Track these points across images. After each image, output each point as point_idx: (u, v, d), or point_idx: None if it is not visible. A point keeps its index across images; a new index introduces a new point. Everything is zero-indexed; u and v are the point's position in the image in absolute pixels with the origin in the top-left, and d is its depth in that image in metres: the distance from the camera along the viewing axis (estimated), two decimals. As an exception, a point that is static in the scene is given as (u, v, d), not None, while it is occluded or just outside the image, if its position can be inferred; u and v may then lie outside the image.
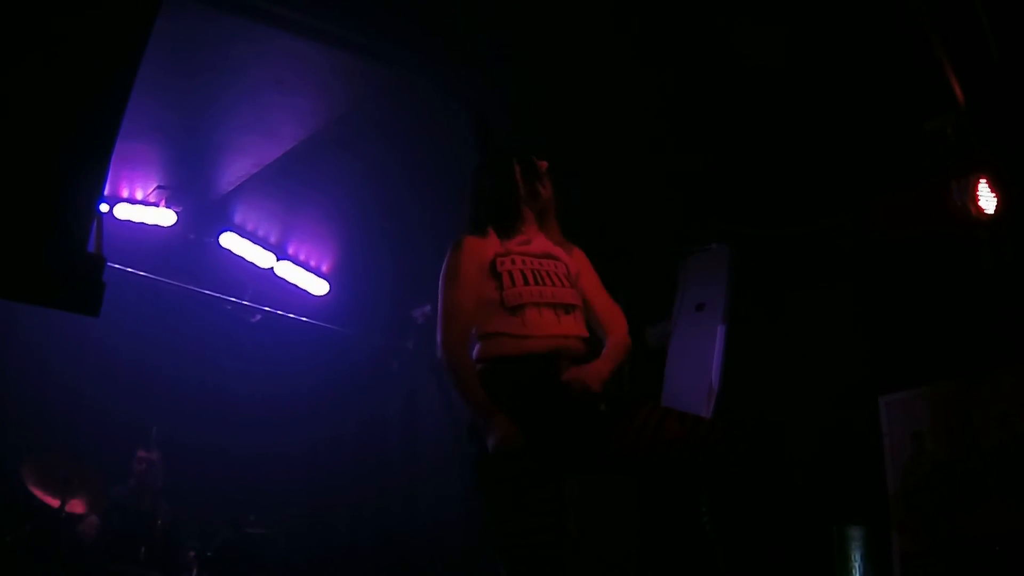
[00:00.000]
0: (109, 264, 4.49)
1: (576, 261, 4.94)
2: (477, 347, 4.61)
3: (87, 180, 4.36)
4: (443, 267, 4.71)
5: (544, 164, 4.93)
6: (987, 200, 6.26)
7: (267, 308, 10.74)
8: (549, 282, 4.63)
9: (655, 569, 7.53)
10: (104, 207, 9.05)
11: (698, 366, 7.64)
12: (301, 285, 10.81)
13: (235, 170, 9.17)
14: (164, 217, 9.52)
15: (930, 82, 6.18)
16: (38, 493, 8.01)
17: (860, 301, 7.25)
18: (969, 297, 6.57)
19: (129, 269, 9.30)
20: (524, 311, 4.53)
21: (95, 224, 4.50)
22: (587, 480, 5.06)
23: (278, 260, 10.54)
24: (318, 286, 10.92)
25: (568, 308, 4.63)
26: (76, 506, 8.14)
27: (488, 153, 5.23)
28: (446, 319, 4.60)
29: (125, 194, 9.39)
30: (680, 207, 8.10)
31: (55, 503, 7.96)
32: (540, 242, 4.84)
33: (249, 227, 10.32)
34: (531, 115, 7.63)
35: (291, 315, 10.94)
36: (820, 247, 7.42)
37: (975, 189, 6.28)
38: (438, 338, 4.59)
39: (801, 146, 7.19)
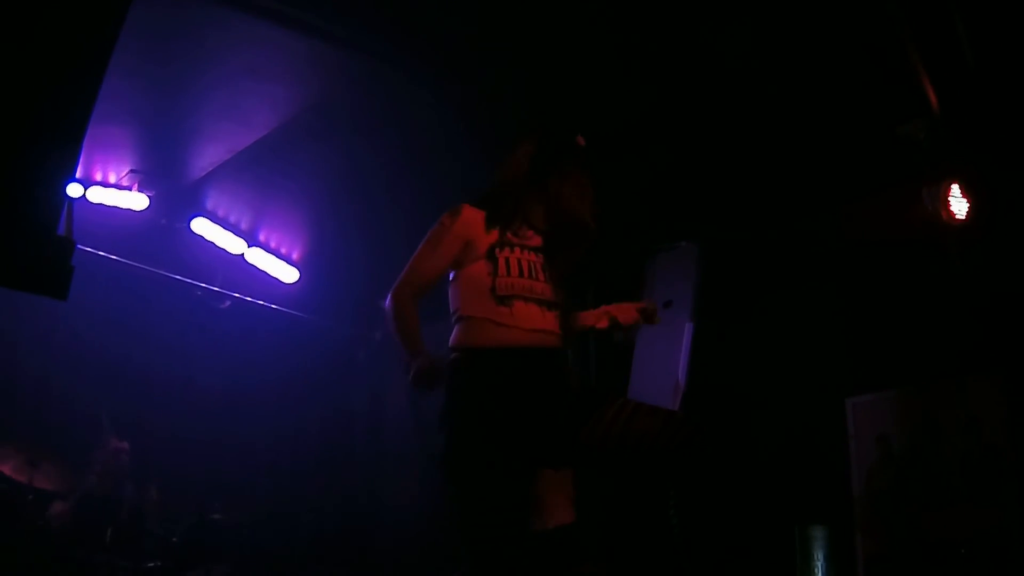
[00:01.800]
0: (80, 247, 4.48)
1: None
2: (457, 328, 4.55)
3: (57, 164, 4.34)
4: (435, 225, 4.61)
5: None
6: (958, 206, 6.29)
7: (237, 294, 10.70)
8: (541, 278, 4.61)
9: (622, 563, 7.56)
10: (77, 190, 9.02)
11: (665, 364, 7.65)
12: (271, 272, 10.79)
13: (208, 156, 9.14)
14: (136, 201, 9.47)
15: (904, 87, 6.20)
16: (6, 471, 7.98)
17: (829, 303, 7.29)
18: (938, 302, 6.61)
19: (100, 253, 9.26)
20: (513, 302, 4.48)
21: (65, 208, 4.48)
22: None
23: (249, 247, 10.51)
24: (288, 274, 10.89)
25: (552, 305, 4.62)
26: (43, 482, 8.10)
27: (541, 138, 5.06)
28: (409, 272, 4.59)
29: (98, 177, 9.34)
30: (650, 205, 8.11)
31: (22, 479, 7.93)
32: (538, 239, 4.79)
33: (221, 213, 10.29)
34: (503, 108, 7.63)
35: (260, 302, 10.91)
36: (790, 249, 7.45)
37: (946, 195, 6.31)
38: (394, 285, 4.58)
39: (774, 149, 7.21)
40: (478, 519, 4.22)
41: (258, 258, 10.61)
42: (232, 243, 10.37)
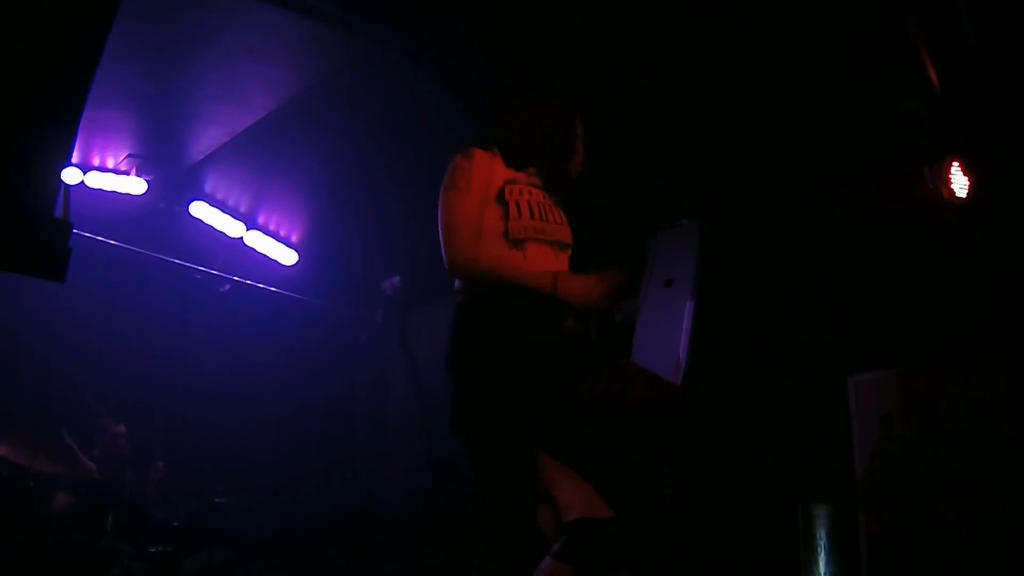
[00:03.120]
0: (80, 232, 4.48)
1: None
2: None
3: (54, 146, 4.33)
4: (449, 173, 4.53)
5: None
6: (959, 184, 6.27)
7: (236, 278, 10.68)
8: (551, 218, 4.56)
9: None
10: (76, 175, 9.01)
11: (666, 342, 7.64)
12: (271, 255, 10.78)
13: (206, 139, 9.12)
14: (135, 186, 9.45)
15: (906, 65, 6.18)
16: (6, 454, 7.98)
17: (831, 282, 7.27)
18: (940, 281, 6.60)
19: (99, 238, 9.24)
20: (526, 245, 4.45)
21: (62, 190, 4.47)
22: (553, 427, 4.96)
23: (248, 230, 10.49)
24: (287, 256, 10.88)
25: (564, 246, 4.59)
26: (43, 467, 8.10)
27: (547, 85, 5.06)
28: (457, 226, 4.40)
29: (96, 162, 9.32)
30: (652, 183, 8.09)
31: (23, 463, 7.93)
32: (541, 179, 4.75)
33: (219, 196, 10.27)
34: (502, 90, 7.61)
35: (260, 285, 10.89)
36: (792, 227, 7.43)
37: (947, 173, 6.29)
38: (450, 250, 4.38)
39: (775, 126, 7.19)
40: (491, 465, 4.20)
41: (257, 241, 10.60)
42: (231, 226, 10.36)
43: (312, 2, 7.09)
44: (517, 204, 4.49)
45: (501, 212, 4.48)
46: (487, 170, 4.54)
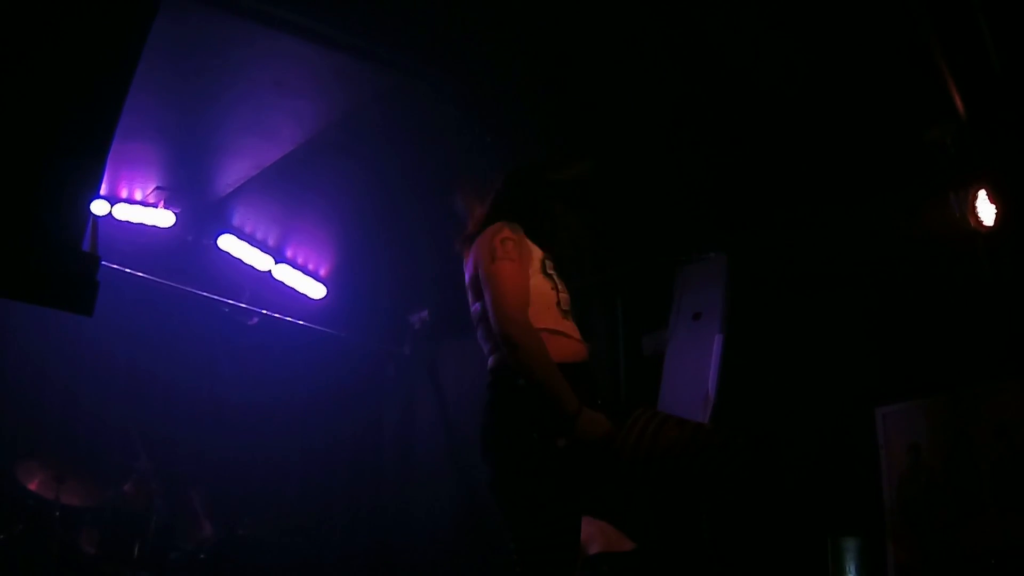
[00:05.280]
0: (108, 264, 4.49)
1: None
2: None
3: (82, 179, 4.34)
4: (497, 240, 4.49)
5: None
6: (986, 212, 6.25)
7: (264, 311, 10.71)
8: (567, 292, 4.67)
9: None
10: (104, 207, 9.06)
11: (695, 375, 7.62)
12: (299, 288, 10.80)
13: (234, 172, 9.15)
14: (163, 218, 9.50)
15: (930, 92, 6.17)
16: (33, 487, 8.02)
17: (858, 312, 7.24)
18: (967, 309, 6.56)
19: (127, 270, 9.28)
20: (569, 316, 4.56)
21: (90, 224, 4.49)
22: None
23: (276, 263, 10.52)
24: (316, 290, 10.90)
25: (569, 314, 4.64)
26: (69, 499, 8.12)
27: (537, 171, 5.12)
28: (513, 290, 4.37)
29: (124, 194, 9.37)
30: (678, 216, 8.09)
31: (48, 495, 7.97)
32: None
33: (248, 229, 10.31)
34: (528, 123, 7.63)
35: (288, 318, 10.91)
36: (818, 257, 7.41)
37: (974, 200, 6.27)
38: (501, 310, 4.33)
39: (801, 155, 7.18)
40: (536, 539, 4.18)
41: (285, 274, 10.62)
42: (259, 259, 10.39)
43: (339, 35, 7.12)
44: (554, 276, 4.60)
45: (550, 283, 4.56)
46: (529, 244, 4.62)
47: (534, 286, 4.49)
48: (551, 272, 4.59)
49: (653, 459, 4.18)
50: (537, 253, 4.62)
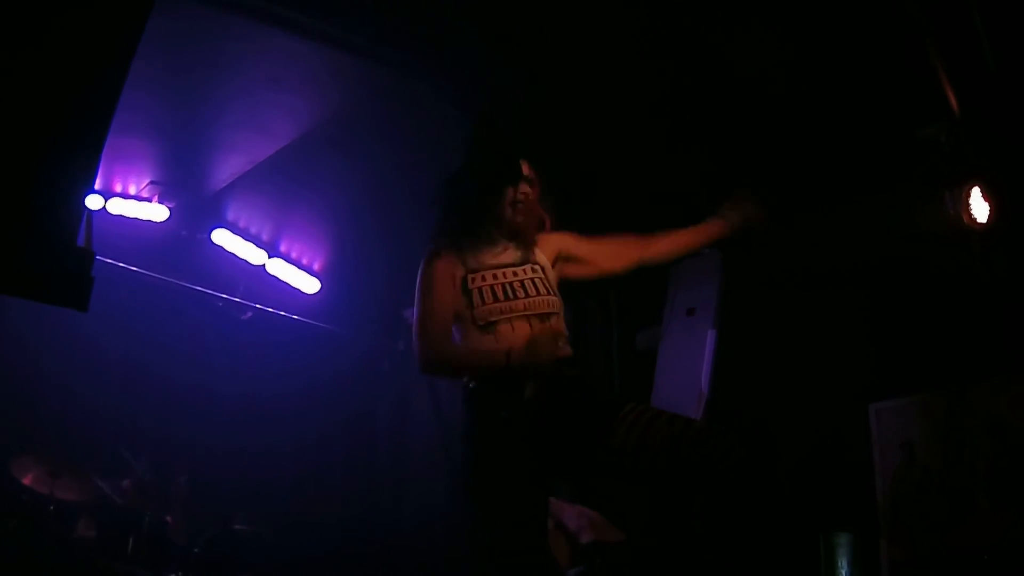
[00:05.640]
0: (101, 259, 4.48)
1: (553, 250, 4.95)
2: None
3: (76, 174, 4.34)
4: (418, 278, 4.72)
5: (527, 167, 4.91)
6: (980, 209, 6.25)
7: (258, 305, 10.71)
8: (522, 293, 4.63)
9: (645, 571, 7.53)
10: (98, 202, 9.06)
11: (688, 371, 7.62)
12: (292, 283, 10.81)
13: (228, 167, 9.16)
14: (157, 213, 9.51)
15: (925, 89, 6.17)
16: (27, 482, 8.02)
17: (852, 308, 7.24)
18: (961, 306, 6.56)
19: (121, 264, 9.28)
20: (496, 327, 4.55)
21: (84, 218, 4.49)
22: (577, 484, 5.01)
23: (270, 257, 10.54)
24: (309, 284, 10.91)
25: (544, 317, 4.62)
26: (64, 493, 8.12)
27: (473, 159, 5.14)
28: (424, 325, 4.60)
29: (118, 189, 9.38)
30: (672, 211, 8.10)
31: (43, 490, 7.96)
32: (512, 251, 4.84)
33: (242, 224, 10.32)
34: (525, 120, 7.62)
35: (282, 313, 10.92)
36: (812, 253, 7.41)
37: (968, 198, 6.26)
38: (418, 347, 4.58)
39: (794, 152, 7.18)
40: (501, 529, 4.22)
41: (279, 269, 10.63)
42: (253, 254, 10.39)
43: (335, 31, 7.12)
44: (480, 291, 4.63)
45: (466, 301, 4.62)
46: (451, 266, 4.71)
47: (455, 309, 4.64)
48: (472, 288, 4.63)
49: (641, 454, 4.20)
50: (459, 272, 4.69)
